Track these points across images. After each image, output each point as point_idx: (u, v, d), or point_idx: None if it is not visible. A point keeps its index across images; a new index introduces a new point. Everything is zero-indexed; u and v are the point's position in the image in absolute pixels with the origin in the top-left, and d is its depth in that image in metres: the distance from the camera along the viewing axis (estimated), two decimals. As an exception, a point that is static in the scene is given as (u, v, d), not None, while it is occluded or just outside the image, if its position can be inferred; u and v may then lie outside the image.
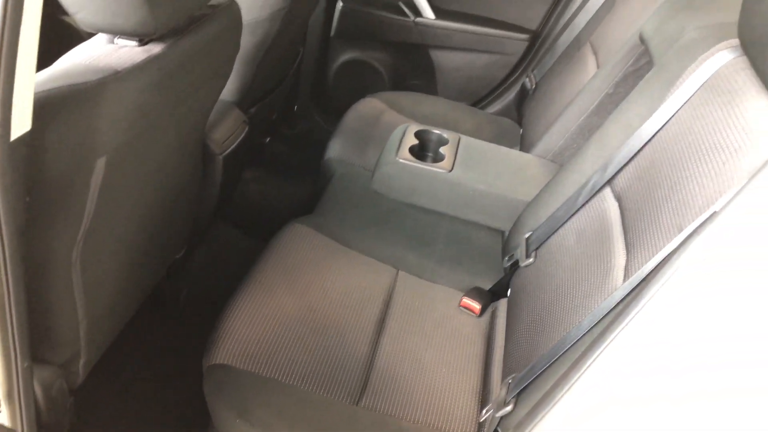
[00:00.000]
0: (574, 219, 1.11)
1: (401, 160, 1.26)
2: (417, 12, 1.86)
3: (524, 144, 1.66)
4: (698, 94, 0.93)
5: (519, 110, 1.88)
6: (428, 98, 1.91)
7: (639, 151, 1.01)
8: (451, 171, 1.26)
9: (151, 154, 0.95)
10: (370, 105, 1.79)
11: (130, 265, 1.07)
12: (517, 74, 1.93)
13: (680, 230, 0.78)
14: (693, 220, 0.76)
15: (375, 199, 1.40)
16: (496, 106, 1.98)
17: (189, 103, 0.99)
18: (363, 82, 2.01)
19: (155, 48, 0.84)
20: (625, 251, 0.91)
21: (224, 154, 1.34)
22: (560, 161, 1.39)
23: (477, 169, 1.28)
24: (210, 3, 0.97)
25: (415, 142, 1.33)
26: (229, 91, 1.44)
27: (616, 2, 1.52)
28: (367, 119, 1.73)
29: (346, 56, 1.98)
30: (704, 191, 0.78)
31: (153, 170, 0.99)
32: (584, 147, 1.15)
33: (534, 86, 1.77)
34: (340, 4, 1.88)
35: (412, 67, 2.00)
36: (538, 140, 1.44)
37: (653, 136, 0.99)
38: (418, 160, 1.27)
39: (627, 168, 1.03)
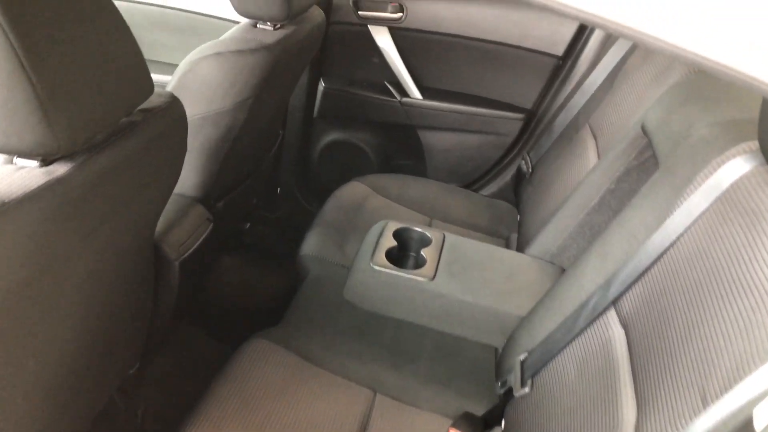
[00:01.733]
0: (574, 344, 0.94)
1: (376, 267, 1.11)
2: (403, 92, 1.75)
3: (522, 233, 1.51)
4: (714, 207, 0.78)
5: (516, 192, 1.73)
6: (417, 180, 1.78)
7: (647, 269, 0.85)
8: (433, 279, 1.10)
9: (65, 285, 0.81)
10: (353, 190, 1.66)
11: (52, 404, 0.91)
12: (512, 155, 1.80)
13: (704, 401, 0.62)
14: (721, 393, 0.60)
15: (351, 305, 1.24)
16: (491, 188, 1.84)
17: (116, 220, 0.85)
18: (349, 163, 1.88)
19: (60, 169, 0.70)
20: (635, 405, 0.74)
21: (181, 258, 1.20)
22: (559, 262, 1.23)
23: (463, 276, 1.12)
24: (142, 107, 0.85)
25: (394, 243, 1.18)
26: (190, 186, 1.32)
27: (615, 82, 1.40)
28: (350, 207, 1.59)
29: (330, 137, 1.87)
30: (732, 348, 0.62)
31: (73, 300, 0.84)
32: (584, 257, 0.99)
33: (531, 169, 1.63)
34: (321, 85, 1.77)
35: (399, 147, 1.87)
36: (536, 235, 1.29)
37: (662, 254, 0.83)
38: (394, 267, 1.11)
39: (633, 288, 0.87)
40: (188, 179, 1.31)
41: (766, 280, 0.63)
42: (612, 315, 0.89)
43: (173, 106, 0.90)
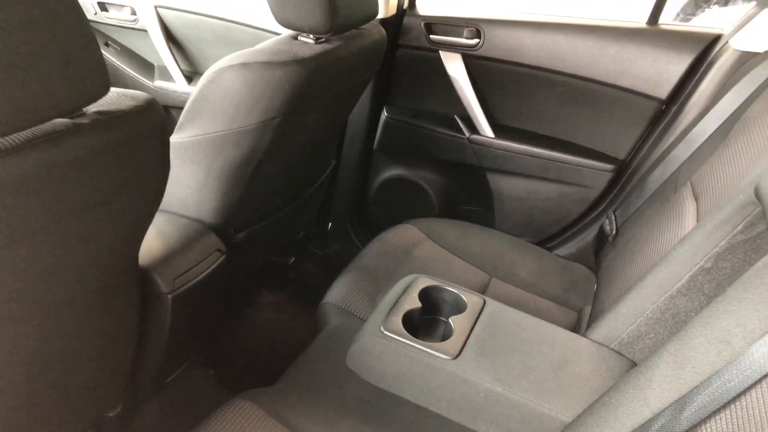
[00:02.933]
0: (626, 481, 0.68)
1: (386, 333, 0.89)
2: (474, 128, 1.53)
3: (595, 307, 1.23)
4: None
5: (597, 256, 1.46)
6: (481, 230, 1.54)
7: (741, 394, 0.58)
8: (456, 357, 0.87)
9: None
10: (403, 234, 1.45)
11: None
12: (596, 212, 1.52)
13: None
14: None
15: (364, 373, 1.03)
16: (569, 249, 1.56)
17: (44, 237, 0.70)
18: (408, 203, 1.68)
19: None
20: None
21: (176, 292, 1.04)
22: (630, 354, 0.96)
23: (498, 358, 0.88)
24: (100, 109, 0.70)
25: (418, 304, 0.96)
26: (207, 212, 1.17)
27: (730, 134, 1.11)
28: (394, 252, 1.38)
29: (389, 172, 1.68)
30: None
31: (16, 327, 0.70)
32: (655, 359, 0.73)
33: (615, 231, 1.35)
34: (384, 115, 1.60)
35: (465, 191, 1.65)
36: (605, 314, 1.02)
37: (766, 376, 0.56)
38: (409, 337, 0.89)
39: (717, 419, 0.60)
40: (205, 203, 1.17)
41: None
42: (684, 451, 0.62)
43: (146, 111, 0.74)
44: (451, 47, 1.48)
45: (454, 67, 1.49)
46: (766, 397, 0.54)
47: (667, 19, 1.45)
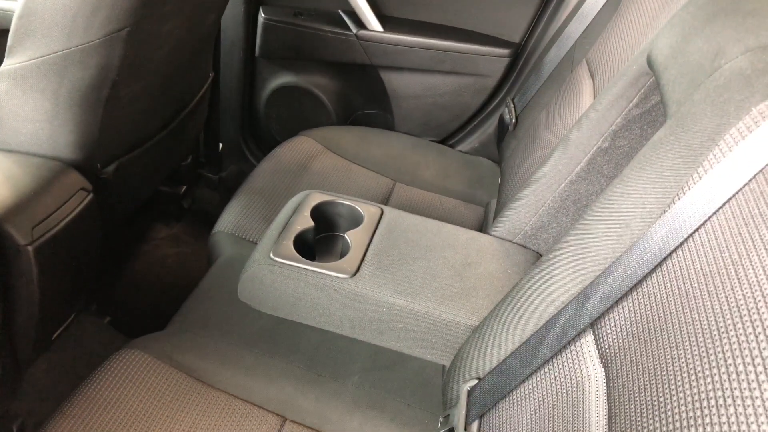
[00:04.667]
0: (534, 379, 0.65)
1: (277, 259, 0.81)
2: (360, 23, 1.41)
3: (499, 201, 1.20)
4: (753, 187, 0.46)
5: (499, 148, 1.41)
6: (381, 134, 1.46)
7: (642, 280, 0.55)
8: (354, 275, 0.81)
9: None
10: (299, 146, 1.35)
11: None
12: (496, 102, 1.47)
13: None
14: None
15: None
16: (471, 143, 1.51)
17: None
18: (302, 113, 1.57)
19: None
20: None
21: (38, 242, 0.91)
22: (535, 246, 0.93)
23: (397, 270, 0.82)
24: None
25: (310, 224, 0.88)
26: (64, 146, 1.02)
27: (621, 4, 1.05)
28: (290, 168, 1.28)
29: (277, 81, 1.54)
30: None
31: None
32: (555, 251, 0.69)
33: (514, 119, 1.30)
34: (261, 17, 1.44)
35: (360, 94, 1.54)
36: (506, 208, 0.98)
37: (667, 257, 0.53)
38: (300, 259, 0.81)
39: (621, 307, 0.56)
40: (59, 137, 1.01)
41: None
42: (588, 344, 0.59)
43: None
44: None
45: (332, -46, 1.35)
46: (666, 282, 0.51)
47: None
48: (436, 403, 0.88)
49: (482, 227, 1.26)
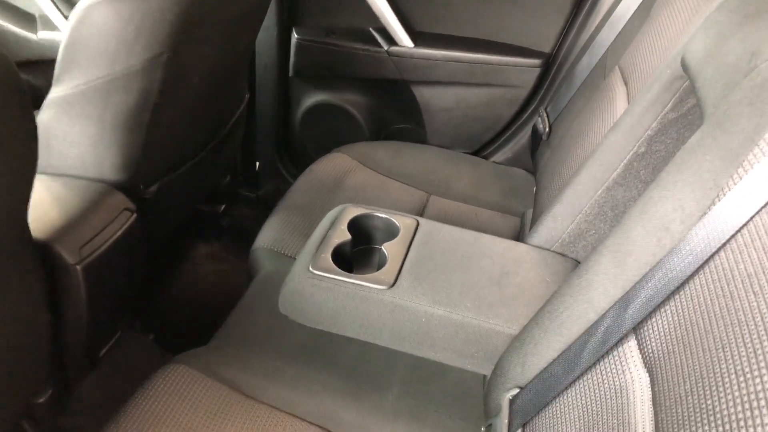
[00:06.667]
0: (577, 386, 0.65)
1: (316, 272, 0.83)
2: (392, 40, 1.43)
3: (536, 210, 1.20)
4: (797, 186, 0.46)
5: (533, 157, 1.41)
6: (414, 147, 1.47)
7: (684, 283, 0.54)
8: (392, 286, 0.81)
9: None
10: (334, 163, 1.37)
11: None
12: (528, 112, 1.47)
13: None
14: None
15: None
16: (505, 154, 1.51)
17: None
18: (335, 130, 1.59)
19: None
20: None
21: (85, 262, 0.95)
22: (573, 254, 0.92)
23: (436, 281, 0.83)
24: None
25: (347, 236, 0.90)
26: (109, 169, 1.06)
27: (652, 10, 1.05)
28: (326, 184, 1.30)
29: (311, 99, 1.57)
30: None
31: None
32: (594, 257, 0.68)
33: (548, 128, 1.30)
34: (295, 37, 1.47)
35: (393, 108, 1.56)
36: (543, 216, 0.97)
37: (709, 259, 0.52)
38: (339, 271, 0.83)
39: (663, 311, 0.56)
40: (104, 160, 1.05)
41: None
42: (631, 349, 0.59)
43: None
44: (355, -47, 1.36)
45: (362, -26, 1.37)
46: (710, 284, 0.50)
47: None
48: (477, 414, 0.88)
49: (518, 237, 1.26)
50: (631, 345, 0.59)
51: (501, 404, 0.75)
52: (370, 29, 1.45)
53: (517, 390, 0.73)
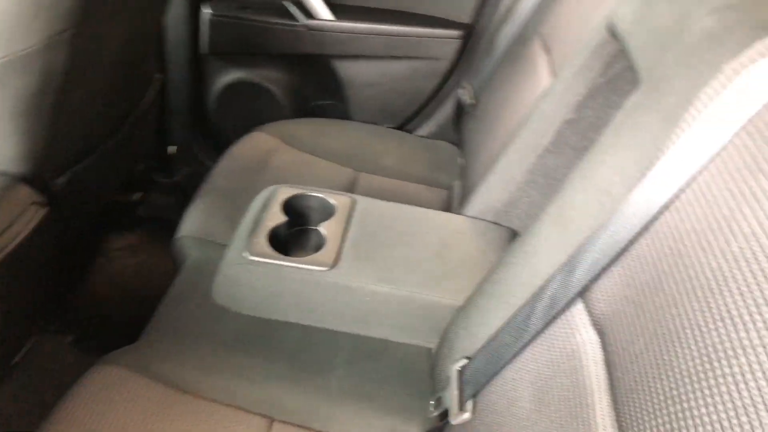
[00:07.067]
0: (528, 352, 0.65)
1: (252, 257, 0.79)
2: (309, 13, 1.38)
3: (466, 182, 1.20)
4: (734, 145, 0.47)
5: (458, 129, 1.42)
6: (339, 124, 1.44)
7: (629, 245, 0.55)
8: (333, 267, 0.79)
9: None
10: (255, 143, 1.32)
11: None
12: (451, 83, 1.47)
13: None
14: None
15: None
16: (430, 127, 1.51)
17: None
18: (254, 109, 1.53)
19: None
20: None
21: (-7, 263, 0.87)
22: (507, 222, 0.93)
23: (378, 258, 0.81)
24: None
25: (282, 219, 0.86)
26: (10, 159, 0.97)
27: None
28: (249, 166, 1.26)
29: (227, 77, 1.50)
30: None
31: None
32: (537, 224, 0.69)
33: (472, 99, 1.30)
34: (206, 12, 1.40)
35: (313, 84, 1.52)
36: (476, 187, 0.98)
37: (652, 220, 0.53)
38: (277, 255, 0.80)
39: (610, 273, 0.57)
40: (5, 150, 0.96)
41: None
42: (580, 312, 0.60)
43: None
44: None
45: (274, -56, 1.32)
46: (657, 243, 0.51)
47: None
48: (424, 388, 0.88)
49: (448, 209, 1.26)
50: (579, 308, 0.60)
51: (449, 376, 0.75)
52: (287, 2, 1.40)
53: (466, 361, 0.73)
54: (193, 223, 1.09)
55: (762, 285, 0.39)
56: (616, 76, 0.76)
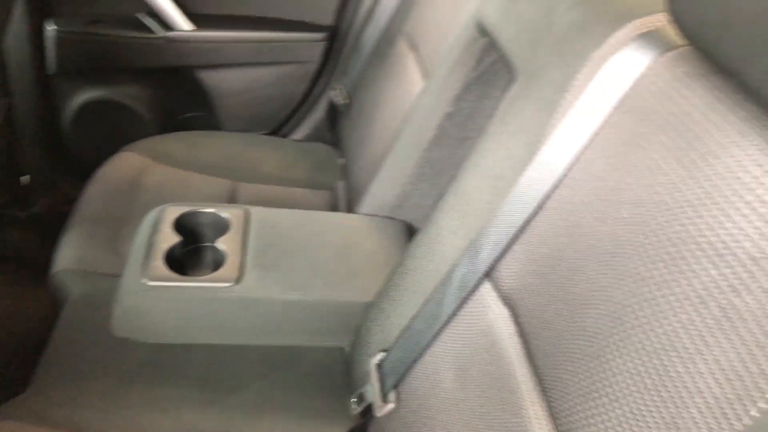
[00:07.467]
0: (445, 335, 0.69)
1: (153, 283, 0.76)
2: (167, 25, 1.33)
3: (351, 181, 1.22)
4: (611, 124, 0.53)
5: (334, 130, 1.43)
6: (211, 135, 1.41)
7: (526, 223, 0.60)
8: (238, 282, 0.78)
9: None
10: (124, 164, 1.25)
11: None
12: (321, 86, 1.48)
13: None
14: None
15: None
16: (304, 130, 1.52)
17: None
18: (117, 129, 1.45)
19: None
20: (549, 419, 0.50)
21: None
22: (401, 215, 0.97)
23: (283, 266, 0.81)
24: None
25: (178, 238, 0.83)
26: None
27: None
28: (120, 189, 1.19)
29: (81, 98, 1.40)
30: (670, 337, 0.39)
31: None
32: (436, 213, 0.73)
33: (345, 100, 1.33)
34: (50, 29, 1.30)
35: (180, 98, 1.47)
36: (367, 186, 1.00)
37: (545, 199, 0.59)
38: (179, 277, 0.77)
39: (512, 252, 0.62)
40: None
41: (716, 233, 0.40)
42: (488, 290, 0.64)
43: None
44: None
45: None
46: (553, 218, 0.57)
47: None
48: (342, 388, 0.89)
49: (334, 209, 1.28)
50: (487, 287, 0.64)
51: (368, 370, 0.77)
52: (141, 15, 1.33)
53: (383, 353, 0.76)
54: (69, 255, 1.01)
55: (655, 244, 0.45)
56: (488, 69, 0.82)
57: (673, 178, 0.45)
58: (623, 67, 0.53)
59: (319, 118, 1.50)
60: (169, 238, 0.83)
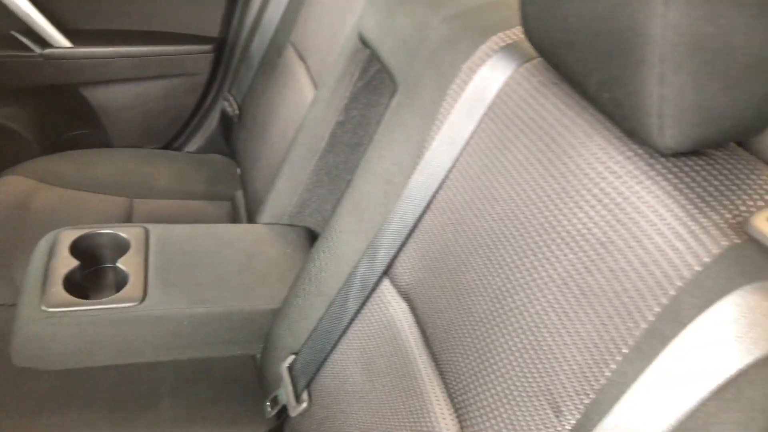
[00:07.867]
0: (350, 334, 0.73)
1: (52, 309, 0.75)
2: (44, 42, 1.29)
3: (249, 191, 1.24)
4: (485, 126, 0.60)
5: (228, 140, 1.44)
6: (101, 153, 1.37)
7: (417, 222, 0.66)
8: (143, 300, 0.78)
9: None
10: (7, 189, 1.20)
11: None
12: (211, 97, 1.48)
13: (557, 410, 0.44)
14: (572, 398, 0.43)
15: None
16: (197, 142, 1.51)
17: None
18: (-3, 153, 1.38)
19: None
20: (451, 410, 0.56)
21: None
22: (301, 222, 1.00)
23: (187, 281, 0.82)
24: None
25: (75, 262, 0.82)
26: None
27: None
28: (5, 215, 1.14)
29: (-47, 122, 1.33)
30: (574, 326, 0.45)
31: None
32: (334, 219, 0.77)
33: (237, 110, 1.34)
34: None
35: (64, 116, 1.42)
36: (266, 196, 1.03)
37: (432, 199, 0.64)
38: (81, 301, 0.76)
39: (406, 250, 0.67)
40: None
41: (571, 224, 0.47)
42: (387, 287, 0.69)
43: None
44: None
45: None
46: (438, 217, 0.62)
47: None
48: (256, 394, 0.91)
49: (235, 220, 1.29)
50: (386, 284, 0.69)
51: (280, 374, 0.80)
52: (15, 33, 1.27)
53: (293, 356, 0.79)
54: (-45, 289, 0.97)
55: (524, 235, 0.51)
56: (373, 78, 0.87)
57: (535, 175, 0.52)
58: (490, 76, 0.60)
59: (213, 129, 1.49)
60: (67, 262, 0.82)
